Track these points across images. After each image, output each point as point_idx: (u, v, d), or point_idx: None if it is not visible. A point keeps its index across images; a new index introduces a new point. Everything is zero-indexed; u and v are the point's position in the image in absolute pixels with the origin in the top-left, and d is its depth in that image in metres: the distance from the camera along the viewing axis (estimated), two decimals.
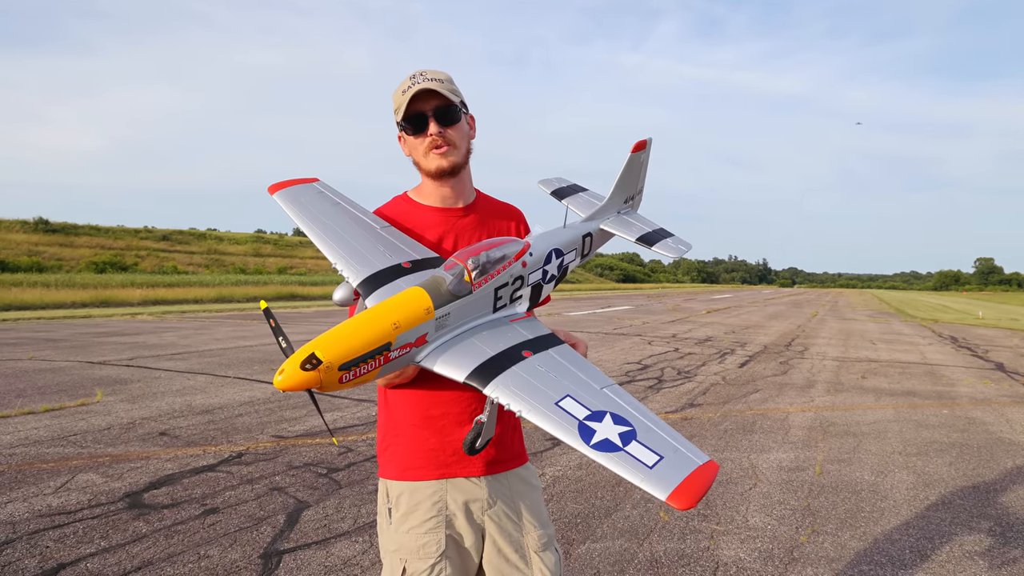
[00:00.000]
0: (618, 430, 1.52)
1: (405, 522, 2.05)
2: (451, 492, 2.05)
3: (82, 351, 12.61)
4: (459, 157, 2.08)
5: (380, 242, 1.99)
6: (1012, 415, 8.90)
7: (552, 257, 2.03)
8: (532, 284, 1.98)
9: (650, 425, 1.55)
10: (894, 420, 8.39)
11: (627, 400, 1.63)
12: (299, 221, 2.07)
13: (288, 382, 1.52)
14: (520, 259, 1.91)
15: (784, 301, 50.32)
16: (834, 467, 6.28)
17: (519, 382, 1.63)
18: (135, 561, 3.96)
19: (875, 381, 11.50)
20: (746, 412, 8.63)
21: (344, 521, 4.62)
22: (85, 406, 7.90)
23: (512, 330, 1.82)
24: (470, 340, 1.74)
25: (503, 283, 1.87)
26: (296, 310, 26.27)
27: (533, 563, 2.09)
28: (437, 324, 1.71)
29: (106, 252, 53.16)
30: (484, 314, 1.84)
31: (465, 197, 2.18)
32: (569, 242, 2.11)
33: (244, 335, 16.00)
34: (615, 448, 1.48)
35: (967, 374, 12.66)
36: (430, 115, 2.01)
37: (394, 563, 2.04)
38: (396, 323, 1.63)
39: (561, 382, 1.65)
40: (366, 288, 1.85)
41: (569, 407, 1.57)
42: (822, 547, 4.48)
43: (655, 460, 1.46)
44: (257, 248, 70.64)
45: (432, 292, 1.71)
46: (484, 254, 1.83)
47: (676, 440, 1.53)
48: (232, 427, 7.07)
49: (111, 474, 5.46)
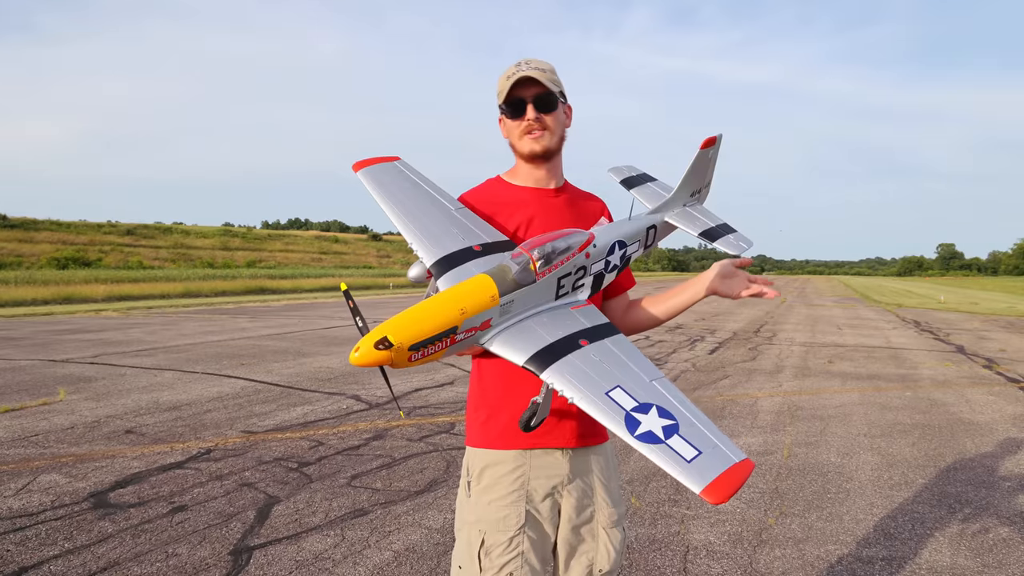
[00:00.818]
0: (662, 423, 1.59)
1: (487, 494, 2.07)
2: (534, 466, 2.08)
3: (43, 349, 12.35)
4: (552, 142, 2.16)
5: (454, 224, 2.07)
6: (972, 396, 9.12)
7: (615, 248, 2.09)
8: (595, 273, 2.04)
9: (693, 420, 1.62)
10: (859, 403, 8.55)
11: (674, 394, 1.70)
12: (380, 199, 2.17)
13: (363, 359, 1.62)
14: (584, 250, 1.98)
15: None
16: (801, 450, 6.39)
17: (574, 370, 1.70)
18: (101, 562, 3.90)
19: (841, 365, 11.70)
20: (716, 398, 8.74)
21: (315, 515, 4.59)
22: (47, 405, 7.74)
23: (571, 317, 1.89)
24: (531, 326, 1.82)
25: (566, 273, 1.94)
26: (266, 304, 25.98)
27: (600, 539, 2.13)
28: (501, 310, 1.79)
29: (68, 247, 52.07)
30: (546, 301, 1.91)
31: (557, 180, 2.26)
32: (633, 234, 2.17)
33: (212, 330, 15.78)
34: (657, 440, 1.55)
35: (929, 357, 12.95)
36: (529, 101, 2.11)
37: (472, 534, 2.06)
38: (463, 309, 1.72)
39: (613, 372, 1.72)
40: (438, 269, 1.95)
41: (618, 397, 1.64)
42: (790, 528, 4.55)
43: (694, 455, 1.53)
44: (225, 242, 69.72)
45: (498, 280, 1.79)
46: (550, 244, 1.90)
47: (716, 436, 1.60)
48: (200, 423, 6.98)
49: (75, 474, 5.36)
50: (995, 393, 9.36)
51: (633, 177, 2.53)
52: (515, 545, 2.02)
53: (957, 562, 4.10)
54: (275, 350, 12.33)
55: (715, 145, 2.21)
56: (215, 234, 73.05)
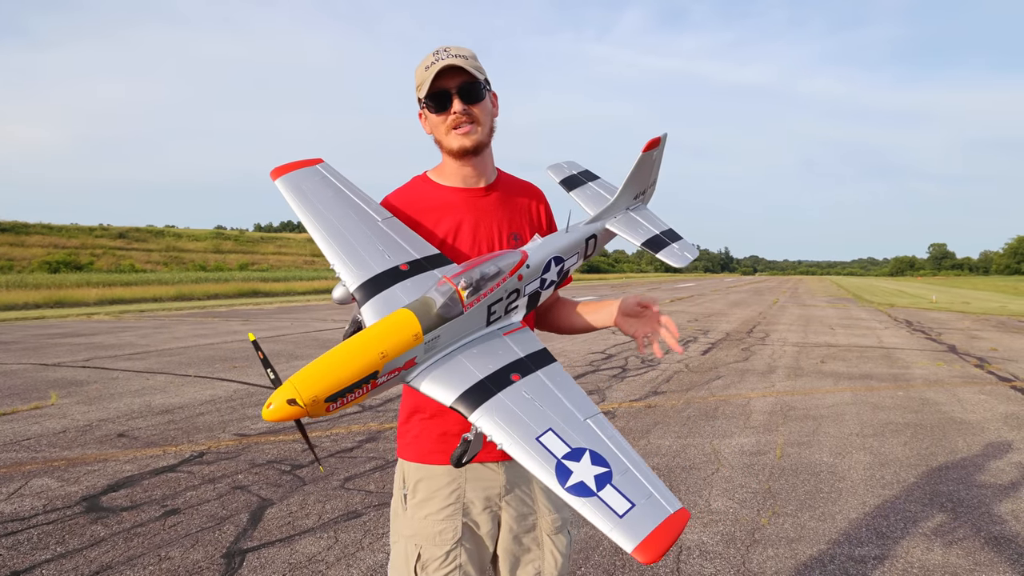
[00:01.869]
0: (594, 472, 1.51)
1: (422, 508, 2.04)
2: (470, 479, 2.05)
3: (35, 353, 12.29)
4: (483, 136, 2.03)
5: (380, 239, 1.93)
6: (963, 395, 9.16)
7: (551, 265, 1.96)
8: (529, 293, 1.92)
9: (628, 465, 1.54)
10: (852, 403, 8.58)
11: (609, 434, 1.61)
12: (299, 213, 2.01)
13: (275, 415, 1.51)
14: (517, 272, 1.84)
15: (746, 289, 51.07)
16: (794, 450, 6.41)
17: (503, 412, 1.60)
18: (93, 566, 3.88)
19: (834, 365, 11.74)
20: (709, 398, 8.75)
21: (308, 518, 4.59)
22: (39, 409, 7.71)
23: (504, 346, 1.78)
24: (460, 360, 1.70)
25: (497, 299, 1.81)
26: (258, 307, 25.92)
27: (545, 546, 2.11)
28: (426, 347, 1.67)
29: (59, 251, 51.84)
30: (477, 329, 1.79)
31: (487, 176, 2.13)
32: (571, 247, 2.03)
33: (205, 333, 15.73)
34: (589, 493, 1.48)
35: (921, 356, 13.00)
36: (454, 92, 1.96)
37: (408, 548, 2.04)
38: (383, 352, 1.60)
39: (546, 412, 1.62)
40: (362, 294, 1.82)
41: (549, 443, 1.55)
42: (783, 528, 4.56)
43: (626, 508, 1.46)
44: (217, 244, 69.50)
45: (421, 315, 1.66)
46: (478, 270, 1.76)
47: (652, 483, 1.52)
48: (193, 426, 6.96)
49: (67, 478, 5.34)
50: (987, 392, 9.41)
51: (574, 176, 2.36)
52: (452, 559, 2.00)
53: (949, 561, 4.12)
54: (268, 353, 12.27)
55: (659, 146, 2.09)
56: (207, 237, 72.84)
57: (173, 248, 64.75)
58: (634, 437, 6.68)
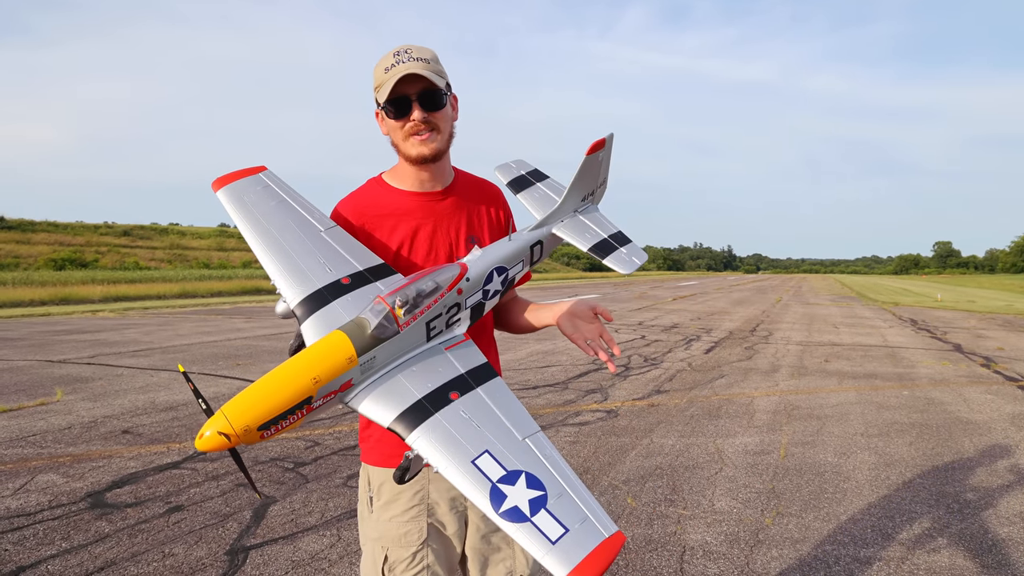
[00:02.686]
0: (529, 495, 1.49)
1: (387, 510, 2.05)
2: (434, 480, 2.05)
3: (41, 350, 12.32)
4: (442, 143, 2.00)
5: (322, 251, 1.90)
6: (969, 395, 9.13)
7: (494, 276, 1.90)
8: (472, 306, 1.87)
9: (564, 487, 1.52)
10: (856, 402, 8.56)
11: (547, 454, 1.59)
12: (240, 226, 1.96)
13: (208, 444, 1.51)
14: (456, 286, 1.79)
15: (749, 287, 50.98)
16: (798, 450, 6.39)
17: (440, 433, 1.58)
18: (98, 561, 3.89)
19: (838, 364, 11.71)
20: (712, 397, 8.74)
21: (311, 515, 4.59)
22: (44, 406, 7.73)
23: (445, 362, 1.75)
24: (399, 380, 1.67)
25: (436, 315, 1.76)
26: (261, 304, 25.95)
27: (515, 544, 2.10)
28: (362, 369, 1.64)
29: (65, 249, 51.99)
30: (417, 345, 1.75)
31: (443, 180, 2.10)
32: (515, 255, 1.97)
33: (208, 330, 15.76)
34: (523, 518, 1.46)
35: (926, 356, 12.96)
36: (414, 99, 1.92)
37: (376, 551, 2.05)
38: (316, 377, 1.57)
39: (483, 433, 1.60)
40: (303, 310, 1.79)
41: (485, 466, 1.54)
42: (787, 529, 4.55)
43: (560, 534, 1.44)
44: (221, 242, 69.61)
45: (354, 337, 1.62)
46: (413, 287, 1.72)
47: (588, 506, 1.50)
48: (197, 423, 6.96)
49: (72, 474, 5.35)
50: (993, 392, 9.37)
51: (522, 177, 2.29)
52: (419, 560, 2.01)
53: (956, 563, 4.10)
54: (271, 350, 12.32)
55: (604, 147, 2.03)
56: (211, 235, 72.93)
57: (177, 246, 64.87)
58: (637, 436, 6.67)
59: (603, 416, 7.42)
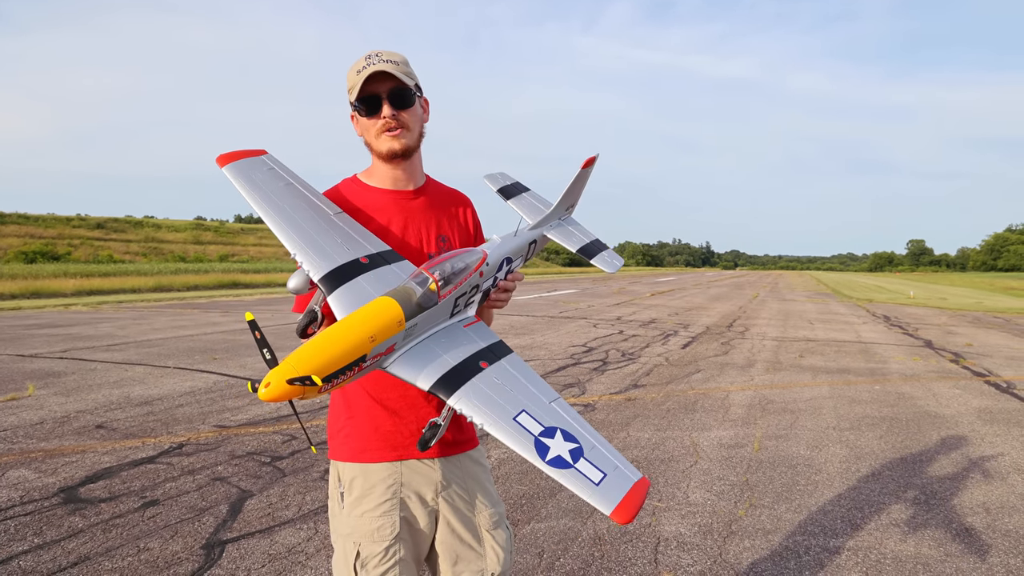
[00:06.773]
0: (568, 447, 1.65)
1: (359, 506, 2.05)
2: (406, 475, 2.07)
3: (11, 344, 12.14)
4: (411, 140, 2.09)
5: (336, 232, 1.98)
6: (938, 389, 9.31)
7: (504, 265, 2.08)
8: (484, 290, 2.03)
9: (594, 442, 1.68)
10: (829, 397, 8.69)
11: (572, 415, 1.75)
12: (253, 203, 2.00)
13: (273, 393, 1.53)
14: (479, 269, 1.95)
15: (726, 283, 51.41)
16: (772, 443, 6.48)
17: (480, 395, 1.72)
18: (71, 557, 3.86)
19: (812, 360, 11.88)
20: (688, 392, 8.83)
21: (288, 509, 4.59)
22: (15, 400, 7.62)
23: (467, 336, 1.88)
24: (432, 347, 1.80)
25: (462, 293, 1.91)
26: (239, 298, 25.73)
27: (485, 541, 2.14)
28: (405, 334, 1.74)
29: (36, 241, 51.14)
30: (443, 320, 1.88)
31: (416, 180, 2.19)
32: (518, 249, 2.17)
33: (184, 324, 15.61)
34: (567, 465, 1.62)
35: (898, 351, 13.18)
36: (384, 97, 2.02)
37: (347, 547, 2.05)
38: (373, 336, 1.65)
39: (516, 396, 1.74)
40: (327, 284, 1.85)
41: (525, 422, 1.68)
42: (759, 520, 4.63)
43: (600, 477, 1.61)
44: (197, 236, 68.84)
45: (403, 303, 1.73)
46: (449, 264, 1.86)
47: (615, 457, 1.67)
48: (172, 418, 6.91)
49: (44, 469, 5.29)
50: (961, 387, 9.56)
51: (509, 187, 2.54)
52: (391, 555, 2.03)
53: (921, 552, 4.20)
54: (248, 344, 12.23)
55: (593, 164, 2.27)
56: (187, 228, 72.15)
57: (152, 239, 64.08)
58: (614, 430, 6.73)
59: (580, 410, 7.47)
